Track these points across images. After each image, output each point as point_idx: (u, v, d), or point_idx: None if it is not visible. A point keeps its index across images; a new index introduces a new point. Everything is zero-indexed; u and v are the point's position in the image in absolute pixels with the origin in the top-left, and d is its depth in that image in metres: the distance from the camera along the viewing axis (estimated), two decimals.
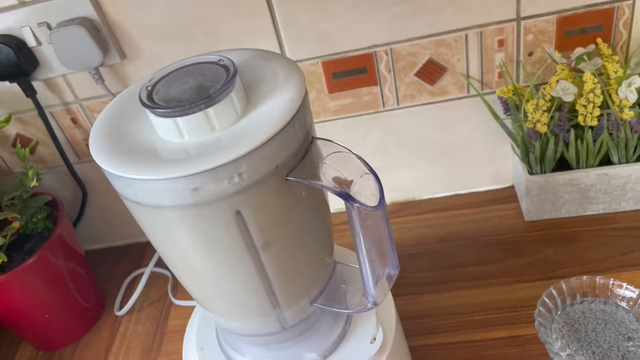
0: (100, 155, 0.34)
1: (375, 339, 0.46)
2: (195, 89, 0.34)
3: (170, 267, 0.40)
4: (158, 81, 0.36)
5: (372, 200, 0.35)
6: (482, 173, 0.76)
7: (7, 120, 0.61)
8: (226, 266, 0.37)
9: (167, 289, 0.75)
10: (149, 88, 0.35)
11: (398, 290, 0.68)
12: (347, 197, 0.34)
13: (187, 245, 0.36)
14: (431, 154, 0.74)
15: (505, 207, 0.75)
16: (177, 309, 0.72)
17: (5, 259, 0.59)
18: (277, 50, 0.65)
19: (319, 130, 0.72)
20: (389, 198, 0.79)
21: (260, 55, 0.39)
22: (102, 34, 0.62)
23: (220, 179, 0.32)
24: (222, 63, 0.36)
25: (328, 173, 0.35)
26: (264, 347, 0.46)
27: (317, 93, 0.68)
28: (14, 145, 0.73)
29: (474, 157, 0.75)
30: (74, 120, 0.71)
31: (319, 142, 0.36)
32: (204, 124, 0.33)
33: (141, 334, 0.71)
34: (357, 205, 0.34)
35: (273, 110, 0.34)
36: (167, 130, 0.34)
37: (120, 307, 0.74)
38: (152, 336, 0.71)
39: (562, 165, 0.67)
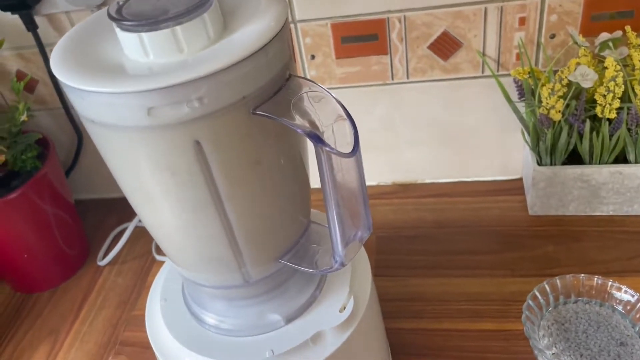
0: (57, 65, 0.31)
1: (345, 308, 0.43)
2: (167, 6, 0.32)
3: (129, 201, 0.38)
4: None
5: (345, 147, 0.32)
6: (490, 162, 0.73)
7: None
8: (184, 203, 0.34)
9: (151, 246, 0.73)
10: (120, 3, 0.33)
11: (385, 271, 0.65)
12: (316, 138, 0.31)
13: (144, 175, 0.33)
14: (438, 135, 0.71)
15: (510, 199, 0.71)
16: (158, 265, 0.70)
17: None
18: (286, 6, 0.62)
19: None
20: (389, 178, 0.76)
21: None
22: None
23: (177, 101, 0.29)
24: None
25: (300, 112, 0.32)
26: (227, 303, 0.44)
27: (323, 57, 0.65)
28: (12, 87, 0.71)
29: (482, 144, 0.71)
30: None
31: (296, 79, 0.33)
32: (170, 44, 0.31)
33: (120, 286, 0.70)
34: (327, 149, 0.31)
35: (246, 36, 0.31)
36: (132, 48, 0.31)
37: (104, 258, 0.73)
38: (130, 290, 0.69)
39: (574, 159, 0.64)
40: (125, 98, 0.29)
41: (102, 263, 0.72)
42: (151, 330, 0.46)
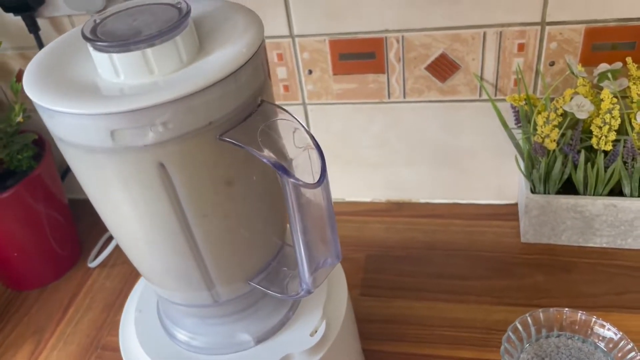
0: (29, 82, 0.32)
1: (316, 331, 0.43)
2: (142, 27, 0.32)
3: (101, 216, 0.38)
4: (109, 16, 0.33)
5: (311, 177, 0.32)
6: (485, 185, 0.72)
7: None
8: (150, 221, 0.34)
9: None
10: (97, 21, 0.33)
11: (372, 291, 0.64)
12: (282, 169, 0.31)
13: (111, 193, 0.34)
14: (433, 156, 0.70)
15: (503, 224, 0.70)
16: None
17: None
18: (284, 22, 0.62)
19: (318, 113, 0.69)
20: (383, 195, 0.76)
21: (227, 6, 0.36)
22: None
23: (141, 125, 0.29)
24: (178, 6, 0.33)
25: (268, 140, 0.32)
26: (199, 320, 0.43)
27: (321, 73, 0.65)
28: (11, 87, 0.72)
29: (478, 167, 0.70)
30: None
31: (268, 106, 0.33)
32: (141, 65, 0.31)
33: (108, 289, 0.70)
34: (292, 180, 0.31)
35: (217, 61, 0.31)
36: (104, 68, 0.31)
37: (94, 260, 0.73)
38: (117, 293, 0.69)
39: (568, 188, 0.63)
40: (89, 120, 0.29)
41: (92, 265, 0.73)
42: (123, 340, 0.46)
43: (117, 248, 0.73)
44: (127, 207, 0.34)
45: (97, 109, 0.28)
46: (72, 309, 0.68)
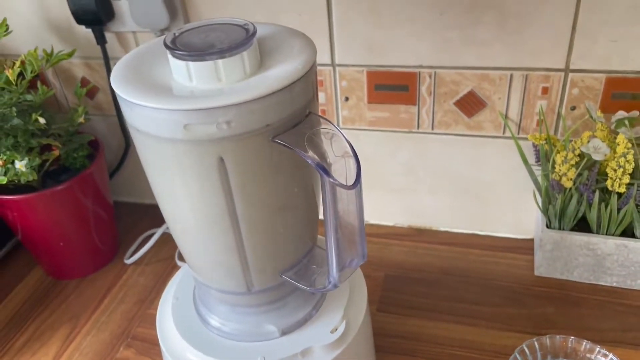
0: (116, 79, 0.37)
1: (336, 329, 0.47)
2: (214, 42, 0.37)
3: (158, 202, 0.43)
4: (186, 31, 0.39)
5: (348, 181, 0.37)
6: (504, 219, 0.76)
7: (70, 54, 0.67)
8: (203, 210, 0.39)
9: (175, 252, 0.78)
10: (176, 34, 0.39)
11: (388, 308, 0.68)
12: (323, 170, 0.36)
13: (173, 182, 0.39)
14: (456, 186, 0.74)
15: (519, 257, 0.73)
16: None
17: (36, 177, 0.64)
18: (328, 52, 0.68)
19: (351, 137, 0.73)
20: (406, 221, 0.80)
21: (286, 31, 0.42)
22: (174, 0, 0.67)
23: (209, 121, 0.34)
24: (246, 27, 0.39)
25: (313, 145, 0.37)
26: (231, 308, 0.48)
27: (357, 100, 0.71)
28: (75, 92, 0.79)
29: (498, 201, 0.74)
30: None
31: (315, 117, 0.38)
32: (211, 73, 0.36)
33: (141, 285, 0.75)
34: (331, 180, 0.36)
35: (276, 74, 0.36)
36: (179, 73, 0.37)
37: (130, 257, 0.78)
38: (149, 289, 0.74)
39: (582, 227, 0.66)
40: (166, 114, 0.34)
41: (128, 261, 0.78)
42: (160, 324, 0.51)
43: (153, 247, 0.79)
44: (184, 196, 0.39)
45: (174, 105, 0.34)
46: (107, 300, 0.73)
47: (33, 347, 0.67)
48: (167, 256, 0.79)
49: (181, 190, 0.39)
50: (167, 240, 0.81)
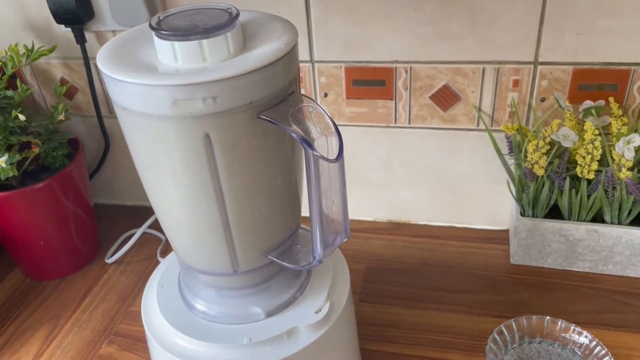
0: (102, 58, 0.38)
1: (320, 310, 0.48)
2: (199, 23, 0.39)
3: (144, 184, 0.44)
4: (171, 15, 0.40)
5: (331, 155, 0.38)
6: (480, 211, 0.78)
7: (51, 50, 0.68)
8: (190, 188, 0.40)
9: (157, 250, 0.78)
10: (161, 18, 0.40)
11: (369, 298, 0.69)
12: (307, 143, 0.37)
13: (159, 160, 0.40)
14: (433, 180, 0.76)
15: (495, 247, 0.76)
16: None
17: (16, 173, 0.64)
18: (307, 49, 0.70)
19: None
20: (385, 215, 0.81)
21: (268, 16, 0.43)
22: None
23: (195, 97, 0.36)
24: (229, 11, 0.40)
25: (297, 121, 0.38)
26: (216, 292, 0.48)
27: (335, 96, 0.72)
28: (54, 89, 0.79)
29: (474, 193, 0.76)
30: None
31: (298, 95, 0.40)
32: (196, 53, 0.37)
33: (123, 283, 0.75)
34: (315, 153, 0.37)
35: (259, 54, 0.38)
36: (165, 53, 0.38)
37: (112, 256, 0.78)
38: (131, 288, 0.74)
39: (555, 214, 0.68)
40: (153, 90, 0.35)
41: (109, 261, 0.78)
42: (145, 311, 0.51)
43: (134, 247, 0.79)
44: (171, 174, 0.40)
45: (162, 81, 0.35)
46: (88, 299, 0.73)
47: (13, 347, 0.67)
48: (149, 255, 0.79)
49: (168, 168, 0.40)
50: (148, 240, 0.81)
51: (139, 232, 0.78)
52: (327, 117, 0.39)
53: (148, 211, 0.83)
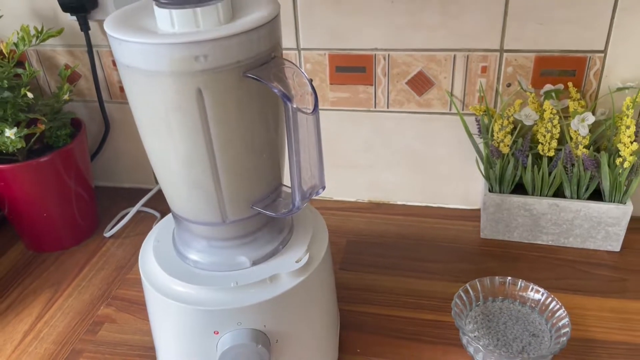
0: (110, 24, 0.44)
1: (300, 260, 0.53)
2: None
3: (142, 138, 0.49)
4: None
5: (308, 110, 0.44)
6: (454, 191, 0.84)
7: (59, 32, 0.73)
8: (183, 139, 0.46)
9: (152, 226, 0.84)
10: None
11: (349, 267, 0.75)
12: (287, 98, 0.43)
13: (157, 113, 0.45)
14: (410, 162, 0.82)
15: (467, 224, 0.81)
16: None
17: (24, 145, 0.69)
18: (293, 37, 0.76)
19: None
20: (366, 196, 0.87)
21: None
22: None
23: (189, 55, 0.41)
24: None
25: (279, 80, 0.44)
26: (207, 243, 0.54)
27: (320, 82, 0.78)
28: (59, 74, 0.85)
29: (448, 174, 0.82)
30: (114, 63, 0.83)
31: (279, 59, 0.46)
32: (190, 20, 0.43)
33: (120, 255, 0.80)
34: (294, 106, 0.43)
35: (245, 21, 0.44)
36: (163, 21, 0.44)
37: (109, 231, 0.83)
38: (127, 258, 0.79)
39: (520, 191, 0.74)
40: (153, 48, 0.41)
41: (107, 234, 0.83)
42: (142, 263, 0.56)
43: (130, 223, 0.84)
44: (167, 127, 0.46)
45: (161, 40, 0.41)
46: (87, 268, 0.78)
47: (16, 309, 0.72)
48: (144, 231, 0.84)
49: (164, 122, 0.45)
50: (144, 218, 0.86)
51: (135, 208, 0.84)
52: (304, 77, 0.45)
53: (144, 192, 0.89)
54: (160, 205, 0.89)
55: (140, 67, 0.43)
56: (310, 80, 0.45)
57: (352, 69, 0.77)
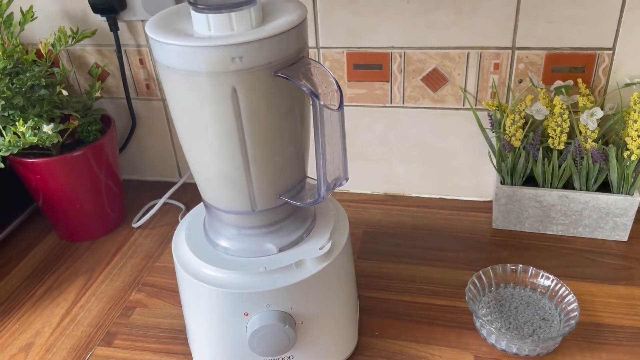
0: (150, 27, 0.48)
1: (324, 247, 0.57)
2: (227, 1, 0.48)
3: (179, 134, 0.53)
4: None
5: (334, 106, 0.47)
6: (466, 183, 0.87)
7: (93, 33, 0.77)
8: (217, 134, 0.49)
9: (178, 217, 0.88)
10: None
11: (366, 255, 0.78)
12: (314, 95, 0.46)
13: (194, 110, 0.49)
14: (424, 155, 0.86)
15: (479, 215, 0.85)
16: None
17: (60, 139, 0.73)
18: (313, 36, 0.79)
19: None
20: (382, 189, 0.91)
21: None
22: None
23: (225, 57, 0.45)
24: None
25: (307, 78, 0.47)
26: (237, 230, 0.58)
27: (338, 79, 0.82)
28: (89, 72, 0.89)
29: (461, 167, 0.85)
30: (141, 62, 0.87)
31: (307, 59, 0.49)
32: (225, 24, 0.47)
33: (147, 245, 0.84)
34: (321, 103, 0.46)
35: (275, 25, 0.47)
36: (200, 24, 0.47)
37: (137, 221, 0.87)
38: (155, 248, 0.83)
39: (531, 183, 0.77)
40: (192, 50, 0.45)
41: (135, 225, 0.87)
42: (176, 249, 0.60)
43: (157, 214, 0.88)
44: (203, 123, 0.49)
45: (200, 43, 0.44)
46: (118, 257, 0.82)
47: (53, 295, 0.76)
48: (171, 222, 0.88)
49: (200, 118, 0.49)
50: (170, 209, 0.91)
51: (162, 200, 0.88)
52: (330, 76, 0.48)
53: (168, 185, 0.93)
54: (184, 197, 0.93)
55: (180, 67, 0.47)
56: (336, 80, 0.48)
57: (369, 66, 0.80)
